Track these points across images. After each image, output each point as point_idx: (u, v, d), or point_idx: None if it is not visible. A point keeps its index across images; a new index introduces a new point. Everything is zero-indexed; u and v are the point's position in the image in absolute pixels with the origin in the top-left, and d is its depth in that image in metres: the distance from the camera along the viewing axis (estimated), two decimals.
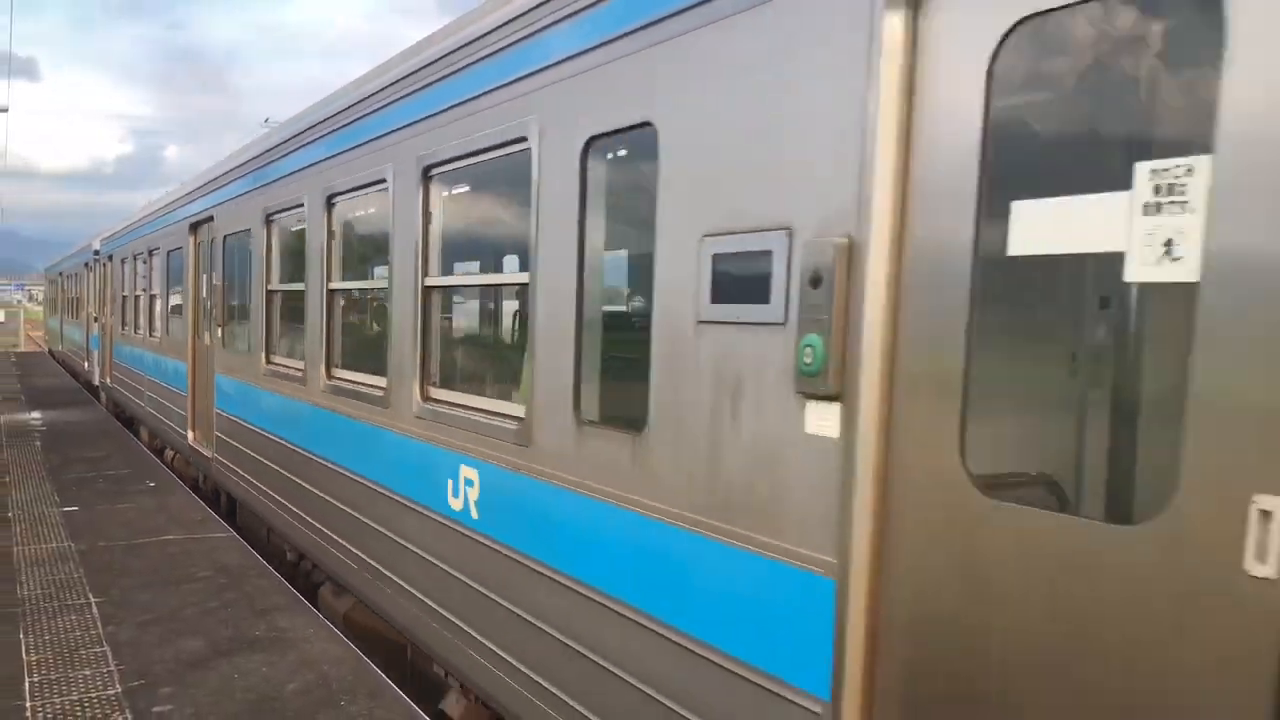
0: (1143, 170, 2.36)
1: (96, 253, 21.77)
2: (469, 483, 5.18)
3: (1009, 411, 3.13)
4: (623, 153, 4.28)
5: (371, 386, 6.50)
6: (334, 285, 7.40)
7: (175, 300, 13.22)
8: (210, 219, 11.11)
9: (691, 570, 3.59)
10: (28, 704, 5.43)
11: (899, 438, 2.92)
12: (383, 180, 6.21)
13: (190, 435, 12.19)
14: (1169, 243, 2.30)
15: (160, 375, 14.12)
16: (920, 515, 2.86)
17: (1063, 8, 2.54)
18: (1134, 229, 2.37)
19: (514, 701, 4.76)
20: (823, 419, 3.08)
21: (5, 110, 20.71)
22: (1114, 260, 2.43)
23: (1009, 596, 2.63)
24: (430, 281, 5.75)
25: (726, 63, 3.43)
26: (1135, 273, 2.40)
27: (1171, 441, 2.28)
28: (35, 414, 19.41)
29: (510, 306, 6.61)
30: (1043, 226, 2.62)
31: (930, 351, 2.82)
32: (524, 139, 4.61)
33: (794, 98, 3.17)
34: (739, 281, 3.37)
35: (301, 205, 7.81)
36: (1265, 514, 2.11)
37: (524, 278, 4.71)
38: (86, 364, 24.45)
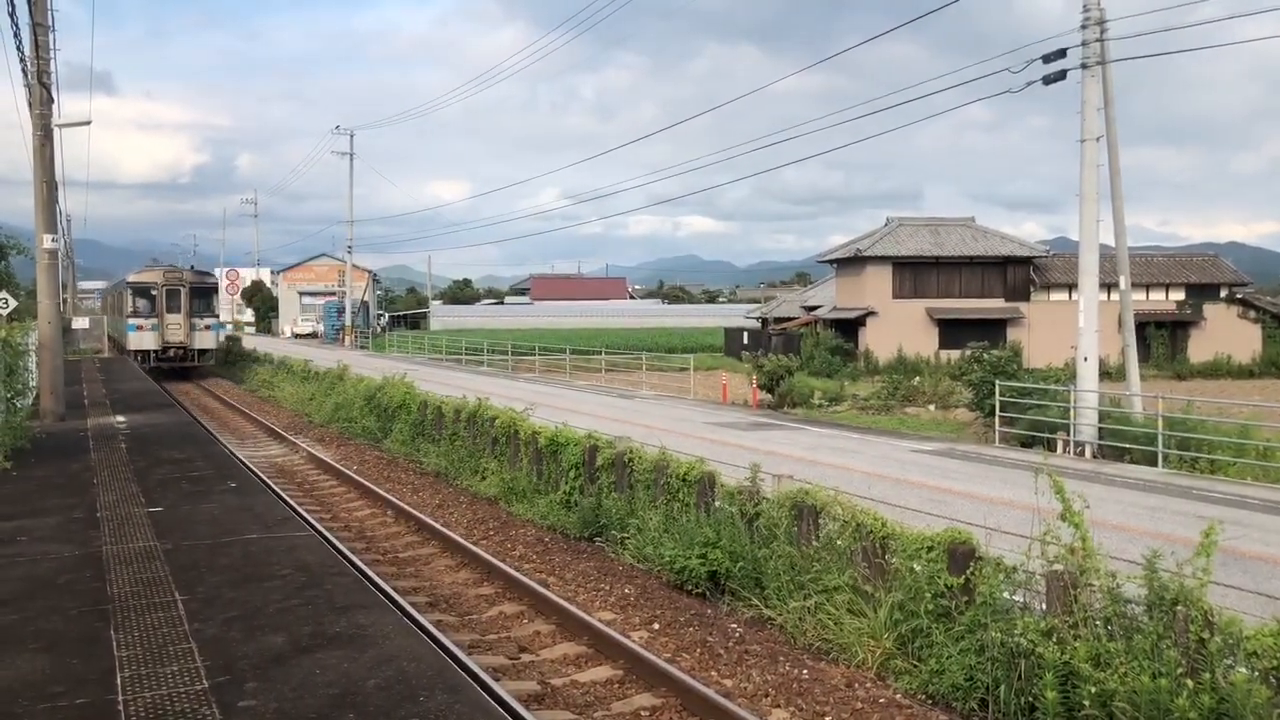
0: None
1: (103, 291, 64.83)
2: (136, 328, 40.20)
3: None
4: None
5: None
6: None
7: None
8: (114, 292, 55.63)
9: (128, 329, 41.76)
10: (120, 698, 5.58)
11: None
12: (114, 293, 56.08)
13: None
14: None
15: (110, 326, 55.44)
16: None
17: None
18: None
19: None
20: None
21: (88, 123, 21.39)
22: None
23: None
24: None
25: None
26: None
27: None
28: (120, 418, 20.01)
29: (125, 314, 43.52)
30: None
31: None
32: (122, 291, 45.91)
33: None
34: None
35: (112, 294, 57.86)
36: None
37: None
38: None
